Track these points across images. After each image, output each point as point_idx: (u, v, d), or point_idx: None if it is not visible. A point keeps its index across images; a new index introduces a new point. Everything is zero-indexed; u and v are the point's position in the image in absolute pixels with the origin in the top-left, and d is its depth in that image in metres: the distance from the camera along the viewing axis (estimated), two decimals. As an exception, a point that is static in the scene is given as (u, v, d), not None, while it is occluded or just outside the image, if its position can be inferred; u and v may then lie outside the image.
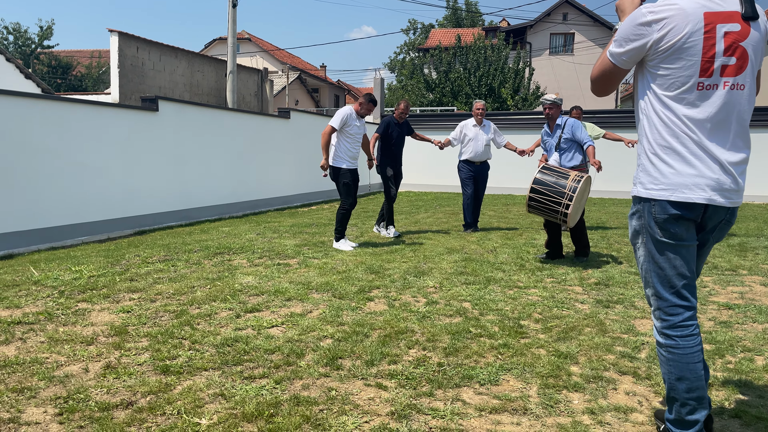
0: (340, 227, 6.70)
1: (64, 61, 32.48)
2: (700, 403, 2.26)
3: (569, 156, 6.16)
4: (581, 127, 6.12)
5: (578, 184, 5.52)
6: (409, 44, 50.80)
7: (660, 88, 2.20)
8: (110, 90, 15.71)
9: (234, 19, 16.21)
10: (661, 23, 2.12)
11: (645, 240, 2.30)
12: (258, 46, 36.70)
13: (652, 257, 2.29)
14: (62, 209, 7.13)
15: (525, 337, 3.68)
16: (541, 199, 5.65)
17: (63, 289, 4.69)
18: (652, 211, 2.24)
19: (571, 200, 5.48)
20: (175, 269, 5.47)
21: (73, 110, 7.26)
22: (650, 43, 2.15)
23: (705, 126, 2.15)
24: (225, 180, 10.15)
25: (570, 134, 6.09)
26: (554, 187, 5.60)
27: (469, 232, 8.08)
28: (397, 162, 7.71)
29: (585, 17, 31.05)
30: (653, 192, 2.23)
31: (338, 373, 3.06)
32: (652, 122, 2.24)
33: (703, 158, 2.15)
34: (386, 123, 7.64)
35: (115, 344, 3.45)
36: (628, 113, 14.94)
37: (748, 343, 3.61)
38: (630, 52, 2.21)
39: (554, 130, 6.22)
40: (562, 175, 5.67)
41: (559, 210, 5.56)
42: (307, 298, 4.51)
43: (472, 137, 8.04)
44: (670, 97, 2.18)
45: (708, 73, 2.12)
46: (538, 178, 5.69)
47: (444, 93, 25.09)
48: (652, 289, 2.32)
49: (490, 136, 8.11)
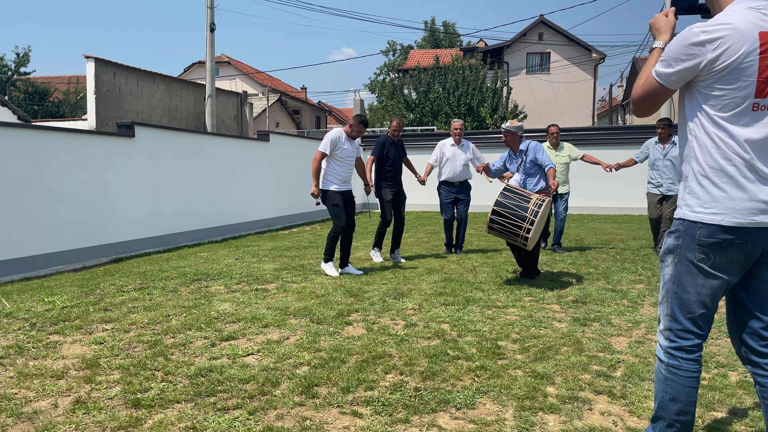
0: (329, 249, 6.50)
1: (41, 88, 32.25)
2: (687, 428, 2.25)
3: (535, 180, 6.19)
4: (543, 150, 6.14)
5: (540, 208, 5.52)
6: (388, 65, 51.31)
7: (713, 108, 2.13)
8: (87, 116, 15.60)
9: (212, 43, 16.26)
10: (716, 43, 2.05)
11: (676, 261, 2.24)
12: (238, 69, 36.78)
13: (678, 279, 2.24)
14: (36, 238, 7.02)
15: (502, 358, 3.68)
16: (503, 221, 5.63)
17: (35, 321, 4.60)
18: (697, 234, 2.16)
19: (532, 224, 5.47)
20: (151, 298, 5.40)
21: (46, 138, 7.19)
22: (704, 63, 2.08)
23: (759, 147, 2.10)
24: (204, 205, 10.09)
25: (533, 156, 6.13)
26: (516, 210, 5.56)
27: (450, 252, 8.01)
28: (396, 183, 7.39)
29: (560, 37, 31.63)
30: (702, 215, 2.15)
31: (313, 402, 3.03)
32: (702, 144, 2.16)
33: (755, 181, 2.10)
34: (381, 144, 7.35)
35: (86, 378, 3.38)
36: (604, 130, 15.17)
37: (722, 359, 3.64)
38: (681, 72, 2.14)
39: (518, 155, 6.26)
40: (524, 198, 5.64)
41: (520, 234, 5.56)
42: (285, 324, 4.47)
43: (450, 157, 7.86)
44: (723, 118, 2.11)
45: (764, 94, 2.07)
46: (499, 200, 5.65)
47: (424, 113, 25.32)
48: (669, 309, 2.28)
49: (468, 155, 7.89)
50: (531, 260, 6.07)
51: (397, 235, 7.47)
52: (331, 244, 6.49)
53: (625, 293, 5.45)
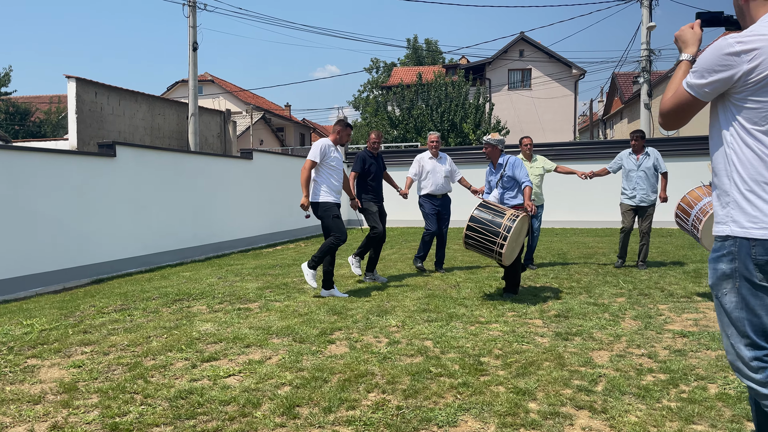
0: (320, 256, 6.11)
1: (22, 108, 31.98)
2: None
3: (512, 194, 6.22)
4: (520, 166, 6.18)
5: (513, 223, 5.54)
6: (372, 82, 51.63)
7: (748, 121, 2.06)
8: (68, 136, 15.48)
9: (195, 62, 16.27)
10: (752, 54, 1.99)
11: (738, 285, 2.08)
12: (221, 88, 36.81)
13: (746, 304, 2.07)
14: (14, 260, 6.92)
15: (485, 375, 3.68)
16: (477, 237, 5.65)
17: (12, 345, 4.52)
18: (752, 253, 2.03)
19: (505, 240, 5.49)
20: (132, 319, 5.34)
21: (26, 158, 7.12)
22: (739, 74, 2.02)
23: None
24: (186, 224, 10.03)
25: (510, 172, 6.18)
26: (490, 226, 5.58)
27: (419, 266, 7.78)
28: (378, 197, 7.20)
29: (541, 53, 32.09)
30: (754, 231, 2.03)
31: (294, 423, 3.00)
32: (743, 157, 2.07)
33: None
34: (362, 158, 7.16)
35: (64, 402, 3.32)
36: (585, 145, 15.35)
37: (701, 371, 3.67)
38: (714, 83, 2.07)
39: (497, 168, 6.31)
40: (499, 213, 5.67)
41: (494, 249, 5.58)
42: (267, 344, 4.43)
43: (431, 170, 7.73)
44: (761, 131, 2.04)
45: None
46: (474, 215, 5.68)
47: (408, 129, 25.47)
48: (746, 339, 2.09)
49: (447, 167, 7.80)
50: (513, 276, 6.10)
51: (376, 253, 7.20)
52: (325, 252, 6.13)
53: (606, 307, 5.49)
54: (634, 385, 3.43)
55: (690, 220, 5.98)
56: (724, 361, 3.83)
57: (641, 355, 4.05)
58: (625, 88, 37.12)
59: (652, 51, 19.66)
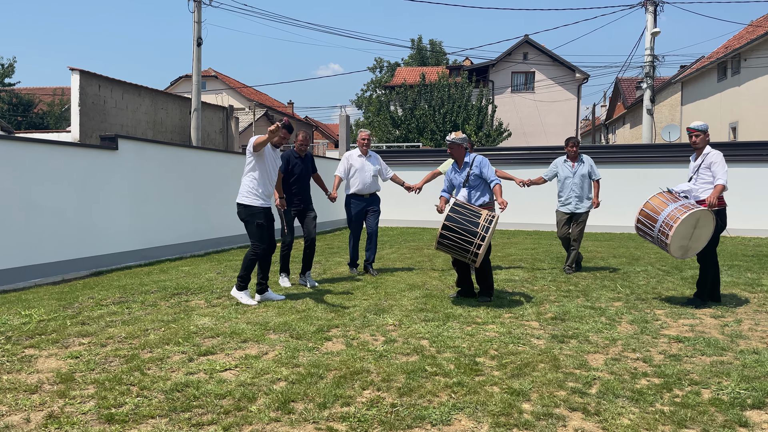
0: (246, 274, 5.75)
1: (25, 99, 32.00)
2: None
3: (477, 194, 6.14)
4: (488, 165, 6.15)
5: (490, 224, 5.54)
6: (375, 82, 51.61)
7: None
8: (71, 128, 15.51)
9: (199, 57, 16.29)
10: None
11: None
12: (225, 84, 36.84)
13: None
14: (15, 250, 6.94)
15: (480, 375, 3.70)
16: (453, 237, 5.60)
17: (10, 334, 4.54)
18: None
19: (483, 240, 5.48)
20: (130, 311, 5.36)
21: (28, 150, 7.14)
22: None
23: None
24: (187, 218, 10.04)
25: (478, 171, 6.14)
26: (467, 226, 5.55)
27: (354, 271, 7.64)
28: (303, 200, 6.74)
29: (544, 57, 32.09)
30: None
31: (289, 418, 3.02)
32: None
33: None
34: (286, 158, 6.64)
35: (60, 392, 3.34)
36: (588, 149, 15.35)
37: (695, 377, 3.69)
38: None
39: (463, 167, 6.22)
40: (474, 214, 5.64)
41: (470, 250, 5.55)
42: (264, 339, 4.45)
43: (359, 168, 7.50)
44: None
45: None
46: (450, 215, 5.62)
47: (410, 129, 25.50)
48: None
49: (376, 166, 7.61)
50: (485, 278, 6.06)
51: (308, 256, 6.83)
52: (249, 268, 5.75)
53: (603, 310, 5.50)
54: (628, 389, 3.45)
55: (657, 227, 5.80)
56: (718, 367, 3.85)
57: (636, 359, 4.07)
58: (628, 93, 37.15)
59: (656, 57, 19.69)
